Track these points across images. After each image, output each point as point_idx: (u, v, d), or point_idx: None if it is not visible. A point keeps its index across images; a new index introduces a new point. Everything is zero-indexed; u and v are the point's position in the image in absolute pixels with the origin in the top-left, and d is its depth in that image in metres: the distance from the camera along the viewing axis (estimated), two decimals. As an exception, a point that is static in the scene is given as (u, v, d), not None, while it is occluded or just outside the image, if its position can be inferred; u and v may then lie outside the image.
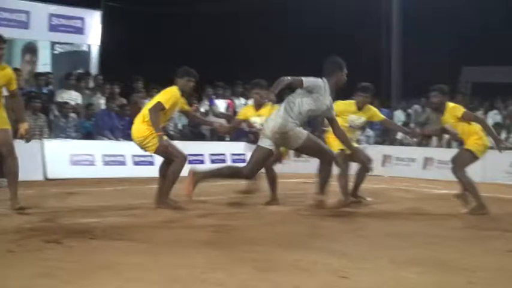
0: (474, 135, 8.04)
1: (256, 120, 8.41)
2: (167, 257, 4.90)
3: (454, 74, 23.80)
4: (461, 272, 4.65)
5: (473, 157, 8.14)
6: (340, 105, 8.28)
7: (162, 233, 6.05)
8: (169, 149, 7.58)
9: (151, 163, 11.91)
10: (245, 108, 9.21)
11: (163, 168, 7.77)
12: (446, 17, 21.69)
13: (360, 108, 8.55)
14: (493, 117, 15.99)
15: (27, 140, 7.18)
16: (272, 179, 8.41)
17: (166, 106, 7.54)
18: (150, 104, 7.75)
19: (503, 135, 14.63)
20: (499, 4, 21.59)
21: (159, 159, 9.75)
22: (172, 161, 7.62)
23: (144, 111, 7.69)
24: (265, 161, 7.41)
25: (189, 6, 21.79)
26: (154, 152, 7.76)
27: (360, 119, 8.59)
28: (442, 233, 6.49)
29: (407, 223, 7.20)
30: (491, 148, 11.19)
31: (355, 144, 8.32)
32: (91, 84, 14.34)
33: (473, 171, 12.90)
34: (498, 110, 16.26)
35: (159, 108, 7.53)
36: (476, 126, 8.06)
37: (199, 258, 4.87)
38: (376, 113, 8.77)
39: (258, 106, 8.41)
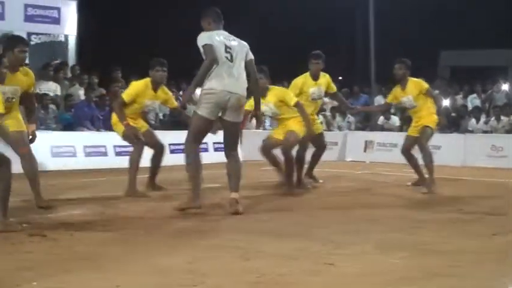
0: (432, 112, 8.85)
1: (315, 91, 8.77)
2: (151, 248, 4.89)
3: (433, 59, 23.93)
4: (444, 256, 4.68)
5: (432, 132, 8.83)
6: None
7: (145, 223, 6.02)
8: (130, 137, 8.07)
9: (132, 153, 11.85)
10: (300, 79, 8.90)
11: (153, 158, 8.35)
12: (422, 1, 21.74)
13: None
14: (472, 101, 16.11)
15: (31, 141, 7.03)
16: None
17: (126, 99, 7.97)
18: None
19: (482, 119, 14.74)
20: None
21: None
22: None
23: None
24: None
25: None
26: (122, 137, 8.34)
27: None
28: (425, 217, 6.53)
29: (390, 208, 7.23)
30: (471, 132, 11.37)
31: None
32: (69, 74, 14.22)
33: (454, 155, 13.02)
34: (477, 94, 16.37)
35: (119, 102, 8.11)
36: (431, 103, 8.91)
37: (183, 248, 4.86)
38: None
39: (316, 76, 8.80)
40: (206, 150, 12.93)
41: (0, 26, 14.15)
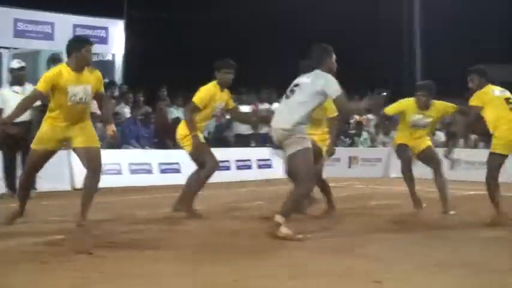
0: (504, 125, 6.82)
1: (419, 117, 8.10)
2: (196, 265, 4.88)
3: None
4: (497, 273, 4.64)
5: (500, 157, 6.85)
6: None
7: (191, 240, 6.04)
8: (200, 151, 7.51)
9: (177, 170, 11.95)
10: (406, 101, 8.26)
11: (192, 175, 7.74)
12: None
13: None
14: None
15: (114, 142, 6.94)
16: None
17: (200, 105, 7.52)
18: None
19: None
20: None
21: (185, 167, 9.80)
22: (203, 166, 7.58)
23: None
24: None
25: (209, 12, 21.90)
26: (189, 153, 7.65)
27: None
28: (475, 235, 6.41)
29: (444, 227, 7.10)
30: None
31: None
32: (116, 93, 14.42)
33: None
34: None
35: (191, 108, 7.58)
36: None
37: (230, 266, 4.84)
38: None
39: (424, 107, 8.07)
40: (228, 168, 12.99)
41: (50, 46, 14.46)
